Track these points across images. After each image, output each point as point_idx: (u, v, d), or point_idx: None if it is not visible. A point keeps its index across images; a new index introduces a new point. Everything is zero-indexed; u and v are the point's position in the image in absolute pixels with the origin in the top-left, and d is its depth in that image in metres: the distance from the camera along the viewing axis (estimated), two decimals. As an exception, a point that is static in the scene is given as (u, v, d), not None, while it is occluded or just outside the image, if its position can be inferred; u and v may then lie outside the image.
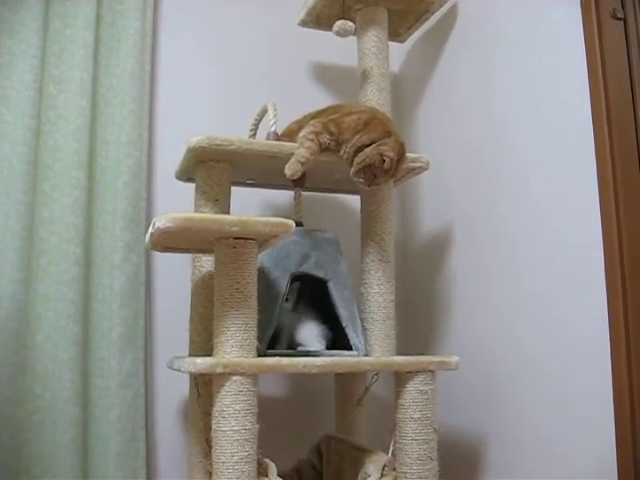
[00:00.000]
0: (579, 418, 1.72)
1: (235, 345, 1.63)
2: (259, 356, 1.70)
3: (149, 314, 2.28)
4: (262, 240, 1.70)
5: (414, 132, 2.54)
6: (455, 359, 1.84)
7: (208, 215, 1.67)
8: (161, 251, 1.92)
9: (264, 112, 2.11)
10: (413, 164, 2.01)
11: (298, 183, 2.06)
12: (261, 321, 1.75)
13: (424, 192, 2.50)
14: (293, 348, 1.92)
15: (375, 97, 2.18)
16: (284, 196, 2.32)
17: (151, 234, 1.65)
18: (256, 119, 2.17)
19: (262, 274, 1.86)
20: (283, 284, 1.87)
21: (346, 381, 2.17)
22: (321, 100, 2.32)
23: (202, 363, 1.60)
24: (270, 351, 1.81)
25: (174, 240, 1.74)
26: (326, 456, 2.07)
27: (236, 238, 1.65)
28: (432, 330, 2.39)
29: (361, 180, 1.85)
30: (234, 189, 1.99)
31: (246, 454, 1.59)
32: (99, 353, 2.14)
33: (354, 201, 2.19)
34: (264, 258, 1.92)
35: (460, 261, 2.26)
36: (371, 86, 2.20)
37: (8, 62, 2.14)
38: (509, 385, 1.97)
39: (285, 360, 1.67)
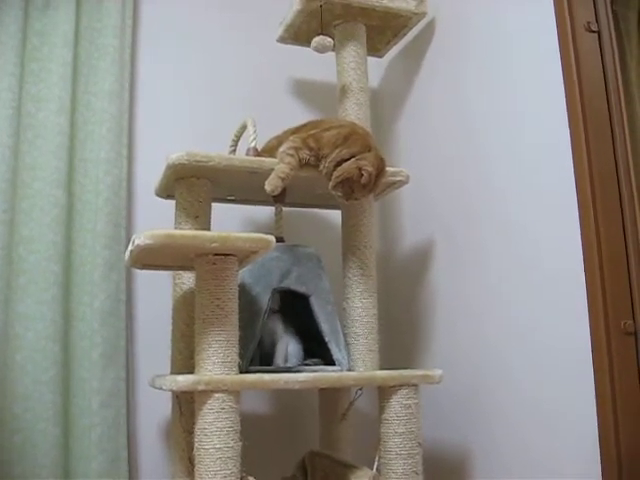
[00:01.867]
0: (562, 426, 1.72)
1: (217, 362, 1.62)
2: (241, 373, 1.68)
3: (130, 332, 2.27)
4: (242, 256, 1.69)
5: (394, 146, 2.55)
6: (438, 372, 1.84)
7: (188, 232, 1.67)
8: (141, 268, 1.91)
9: (243, 128, 2.11)
10: (393, 178, 2.01)
11: (278, 199, 2.06)
12: (243, 337, 1.74)
13: (404, 205, 2.50)
14: (275, 364, 1.90)
15: (354, 112, 2.18)
16: (265, 212, 2.31)
17: (130, 251, 1.64)
18: (236, 135, 2.17)
19: (243, 290, 1.86)
20: (265, 300, 1.87)
21: (330, 396, 2.16)
22: (301, 116, 2.33)
23: (184, 381, 1.59)
24: (252, 367, 1.80)
25: (154, 257, 1.73)
26: (311, 472, 2.05)
27: (216, 254, 1.64)
28: (415, 343, 2.39)
29: (339, 194, 1.85)
30: (215, 205, 1.99)
31: (229, 472, 1.57)
32: (80, 372, 2.12)
33: (335, 216, 2.19)
34: (245, 274, 1.91)
35: (442, 273, 2.26)
36: (350, 101, 2.20)
37: (-15, 81, 2.14)
38: (492, 397, 1.97)
39: (267, 376, 1.66)
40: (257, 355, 1.88)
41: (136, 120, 2.42)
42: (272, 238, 1.63)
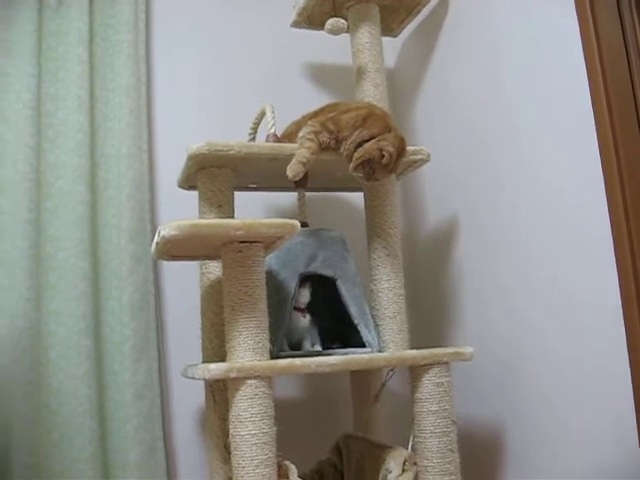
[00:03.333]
0: (598, 395, 1.70)
1: (248, 349, 1.63)
2: (272, 358, 1.69)
3: (160, 324, 2.28)
4: (268, 242, 1.69)
5: (413, 125, 2.54)
6: (470, 350, 1.84)
7: (213, 220, 1.67)
8: (168, 260, 1.92)
9: (262, 115, 2.11)
10: (414, 157, 2.00)
11: (300, 184, 2.06)
12: (272, 323, 1.74)
13: (427, 184, 2.49)
14: (304, 349, 1.91)
15: (372, 93, 2.17)
16: (288, 198, 2.31)
17: (157, 243, 1.65)
18: (254, 122, 2.17)
19: (270, 276, 1.86)
20: (292, 285, 1.87)
21: (361, 379, 2.17)
22: (318, 99, 2.31)
23: (216, 369, 1.60)
24: (283, 353, 1.81)
25: (180, 248, 1.74)
26: (346, 455, 2.06)
27: (242, 242, 1.65)
28: (444, 321, 2.38)
29: (360, 175, 1.84)
30: (237, 194, 1.99)
31: (265, 457, 1.58)
32: (112, 366, 2.14)
33: (358, 198, 2.18)
34: (271, 260, 1.91)
35: (468, 250, 2.25)
36: (367, 82, 2.19)
37: (4, 82, 2.15)
38: (526, 372, 1.96)
39: (298, 361, 1.67)
40: (286, 340, 1.89)
41: (155, 113, 2.43)
42: (297, 223, 1.63)
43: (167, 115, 2.44)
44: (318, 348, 1.92)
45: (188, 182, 2.04)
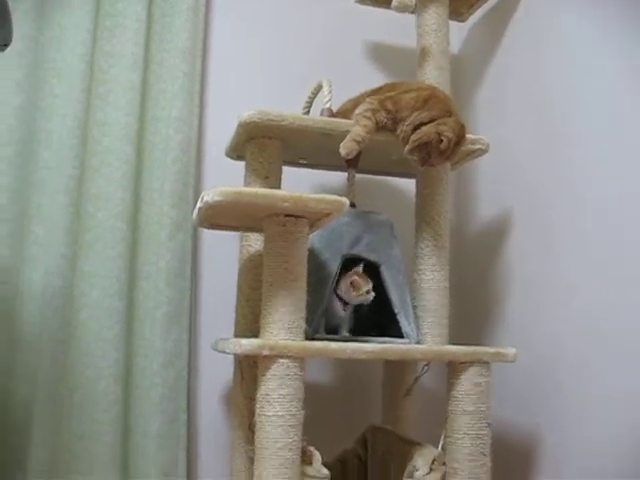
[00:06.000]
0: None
1: (282, 327, 1.57)
2: (306, 340, 1.63)
3: (195, 294, 2.23)
4: (314, 219, 1.63)
5: (474, 114, 2.44)
6: (512, 351, 1.75)
7: (258, 190, 1.60)
8: (209, 228, 1.87)
9: (318, 89, 2.04)
10: (472, 146, 1.92)
11: (352, 163, 1.99)
12: (310, 303, 1.69)
13: (483, 175, 2.40)
14: (341, 334, 1.84)
15: (434, 76, 2.08)
16: (337, 178, 2.23)
17: (199, 209, 1.59)
18: (310, 96, 2.10)
19: (312, 255, 1.79)
20: (334, 266, 1.80)
21: (395, 370, 2.10)
22: (377, 80, 2.20)
23: (248, 344, 1.54)
24: (318, 335, 1.74)
25: (222, 217, 1.69)
26: (371, 447, 2.00)
27: (287, 216, 1.59)
28: (487, 318, 2.29)
29: (415, 159, 1.77)
30: (285, 169, 1.92)
31: (290, 441, 1.52)
32: (143, 332, 2.09)
33: (409, 185, 2.10)
34: (315, 239, 1.84)
35: (520, 247, 2.15)
36: (430, 65, 2.11)
37: (60, 36, 2.11)
38: (569, 379, 1.87)
39: (333, 345, 1.60)
40: (323, 323, 1.82)
41: (209, 79, 2.37)
42: (346, 200, 1.56)
43: (221, 82, 2.38)
44: (357, 334, 1.85)
45: (236, 151, 1.98)
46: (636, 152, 1.70)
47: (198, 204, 1.58)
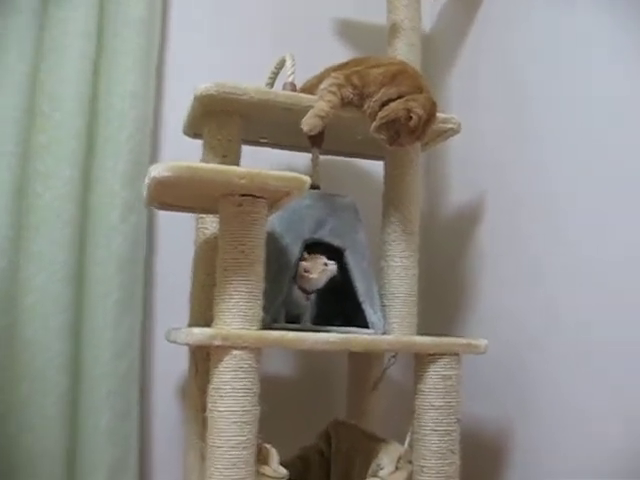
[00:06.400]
0: (624, 398, 1.51)
1: (237, 315, 1.45)
2: (264, 329, 1.51)
3: (149, 280, 2.10)
4: (272, 199, 1.51)
5: (445, 95, 2.32)
6: (484, 342, 1.65)
7: (212, 166, 1.47)
8: (159, 208, 1.73)
9: (282, 64, 1.92)
10: (444, 125, 1.81)
11: (316, 142, 1.87)
12: (268, 291, 1.57)
13: (454, 158, 2.29)
14: (302, 323, 1.73)
15: (404, 53, 1.97)
16: (301, 159, 2.10)
17: (147, 186, 1.46)
18: (273, 72, 1.98)
19: (272, 239, 1.69)
20: (295, 251, 1.69)
21: (361, 362, 1.99)
22: (345, 57, 2.10)
23: (199, 334, 1.42)
24: (277, 325, 1.62)
25: (173, 195, 1.56)
26: (335, 443, 1.89)
27: (243, 195, 1.47)
28: (458, 309, 2.19)
29: (383, 137, 1.65)
30: (245, 149, 1.80)
31: (244, 438, 1.41)
32: (92, 320, 1.95)
33: (377, 167, 1.99)
34: (275, 222, 1.73)
35: (493, 233, 2.05)
36: (401, 41, 2.00)
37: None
38: (544, 371, 1.77)
39: (292, 334, 1.49)
40: (283, 313, 1.70)
41: (167, 53, 2.23)
42: (306, 178, 1.44)
43: (180, 57, 2.24)
44: (318, 324, 1.74)
45: (194, 128, 1.86)
46: (608, 136, 1.61)
47: (146, 180, 1.45)
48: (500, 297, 1.99)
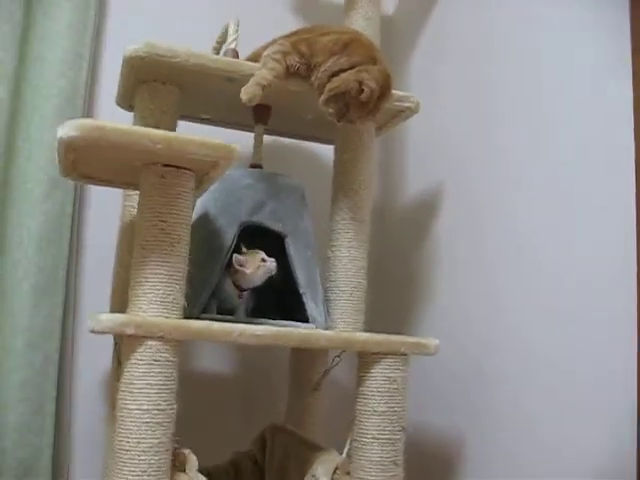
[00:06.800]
0: (590, 417, 1.37)
1: (154, 301, 1.27)
2: (187, 318, 1.33)
3: (74, 264, 1.90)
4: (199, 171, 1.33)
5: (406, 80, 2.17)
6: (434, 342, 1.49)
7: (125, 126, 1.28)
8: (77, 180, 1.53)
9: (227, 32, 1.74)
10: (400, 104, 1.66)
11: (261, 118, 1.71)
12: (197, 278, 1.41)
13: (411, 146, 2.14)
14: (237, 316, 1.55)
15: (361, 27, 1.82)
16: (245, 139, 1.90)
17: (57, 151, 1.28)
18: (218, 41, 1.80)
19: (205, 221, 1.53)
20: (229, 235, 1.52)
21: (303, 361, 1.84)
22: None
23: (107, 321, 1.24)
24: (205, 315, 1.45)
25: (89, 163, 1.38)
26: (270, 449, 1.72)
27: (166, 166, 1.29)
28: (410, 307, 2.04)
29: (331, 111, 1.49)
30: (184, 126, 1.65)
31: (157, 441, 1.23)
32: (8, 306, 1.76)
33: (328, 152, 1.82)
34: (209, 202, 1.56)
35: (449, 226, 1.90)
36: (358, 13, 1.86)
37: None
38: (499, 377, 1.63)
39: (216, 325, 1.31)
40: (213, 305, 1.52)
41: (104, 20, 2.04)
42: (235, 147, 1.27)
43: (118, 23, 2.06)
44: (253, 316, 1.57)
45: (127, 99, 1.68)
46: (569, 124, 1.49)
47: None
48: (456, 296, 1.84)
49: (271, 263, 1.52)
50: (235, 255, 1.49)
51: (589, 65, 1.46)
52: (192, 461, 1.31)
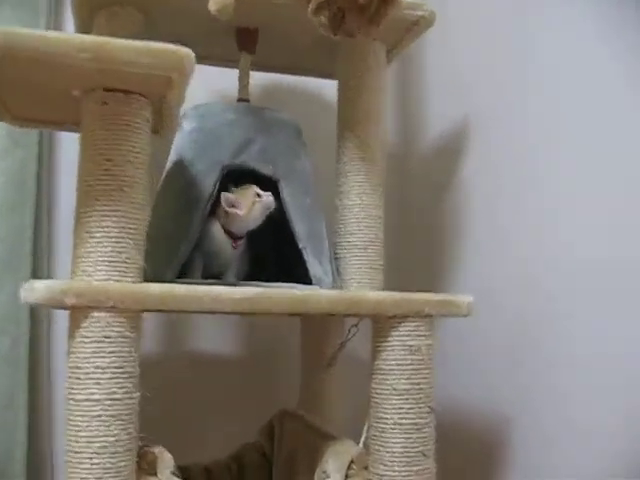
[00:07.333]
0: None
1: (101, 261, 1.00)
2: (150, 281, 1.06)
3: (43, 232, 1.63)
4: (153, 95, 1.04)
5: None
6: (467, 299, 1.18)
7: (40, 32, 0.98)
8: (15, 123, 1.24)
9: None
10: (410, 12, 1.35)
11: (245, 44, 1.42)
12: (171, 235, 1.15)
13: (432, 74, 1.83)
14: (226, 280, 1.27)
15: None
16: (230, 76, 1.61)
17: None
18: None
19: (180, 168, 1.26)
20: (209, 182, 1.23)
21: (315, 333, 1.56)
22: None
23: (43, 289, 0.96)
24: (181, 280, 1.17)
25: (24, 102, 1.11)
26: (278, 439, 1.45)
27: (108, 90, 1.01)
28: (437, 263, 1.75)
29: (323, 20, 1.19)
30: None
31: (113, 439, 0.96)
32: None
33: (330, 89, 1.52)
34: (185, 145, 1.29)
35: (479, 169, 1.60)
36: None
37: None
38: (542, 340, 1.34)
39: (182, 289, 1.01)
40: (198, 266, 1.24)
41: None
42: (189, 52, 0.98)
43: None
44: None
45: (85, 28, 1.39)
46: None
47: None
48: (488, 251, 1.55)
49: (268, 197, 1.24)
50: (224, 194, 1.21)
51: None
52: (165, 461, 1.05)
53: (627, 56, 1.20)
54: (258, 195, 1.24)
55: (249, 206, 1.23)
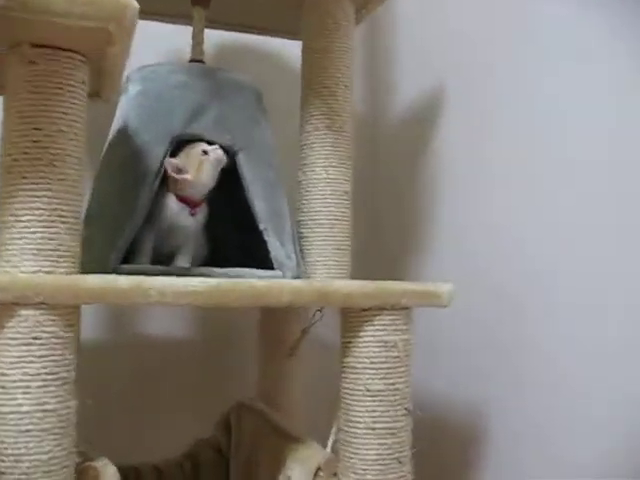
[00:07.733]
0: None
1: (29, 250, 0.85)
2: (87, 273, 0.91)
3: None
4: (90, 52, 0.89)
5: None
6: (447, 288, 1.06)
7: None
8: None
9: None
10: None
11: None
12: (115, 214, 1.01)
13: (402, 42, 1.70)
14: (177, 265, 1.13)
15: None
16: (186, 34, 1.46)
17: None
18: None
19: (124, 138, 1.11)
20: (158, 154, 1.09)
21: (274, 318, 1.43)
22: None
23: (-41, 283, 0.82)
24: (126, 266, 1.03)
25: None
26: (235, 435, 1.33)
27: (36, 46, 0.85)
28: (410, 249, 1.63)
29: None
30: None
31: (46, 457, 0.83)
32: None
33: (294, 49, 1.39)
34: (130, 112, 1.14)
35: (458, 142, 1.48)
36: None
37: None
38: (527, 332, 1.26)
39: (123, 281, 0.87)
40: (146, 249, 1.10)
41: None
42: (131, 0, 0.83)
43: None
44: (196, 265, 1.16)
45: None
46: None
47: None
48: (466, 233, 1.44)
49: (215, 151, 1.10)
50: (167, 160, 1.07)
51: None
52: (109, 475, 0.91)
53: (619, 30, 1.10)
54: (205, 152, 1.10)
55: (196, 166, 1.09)
